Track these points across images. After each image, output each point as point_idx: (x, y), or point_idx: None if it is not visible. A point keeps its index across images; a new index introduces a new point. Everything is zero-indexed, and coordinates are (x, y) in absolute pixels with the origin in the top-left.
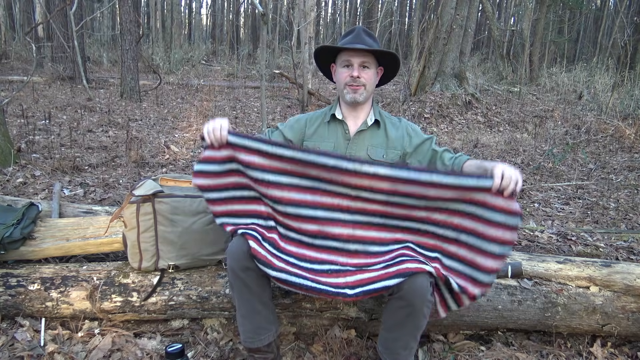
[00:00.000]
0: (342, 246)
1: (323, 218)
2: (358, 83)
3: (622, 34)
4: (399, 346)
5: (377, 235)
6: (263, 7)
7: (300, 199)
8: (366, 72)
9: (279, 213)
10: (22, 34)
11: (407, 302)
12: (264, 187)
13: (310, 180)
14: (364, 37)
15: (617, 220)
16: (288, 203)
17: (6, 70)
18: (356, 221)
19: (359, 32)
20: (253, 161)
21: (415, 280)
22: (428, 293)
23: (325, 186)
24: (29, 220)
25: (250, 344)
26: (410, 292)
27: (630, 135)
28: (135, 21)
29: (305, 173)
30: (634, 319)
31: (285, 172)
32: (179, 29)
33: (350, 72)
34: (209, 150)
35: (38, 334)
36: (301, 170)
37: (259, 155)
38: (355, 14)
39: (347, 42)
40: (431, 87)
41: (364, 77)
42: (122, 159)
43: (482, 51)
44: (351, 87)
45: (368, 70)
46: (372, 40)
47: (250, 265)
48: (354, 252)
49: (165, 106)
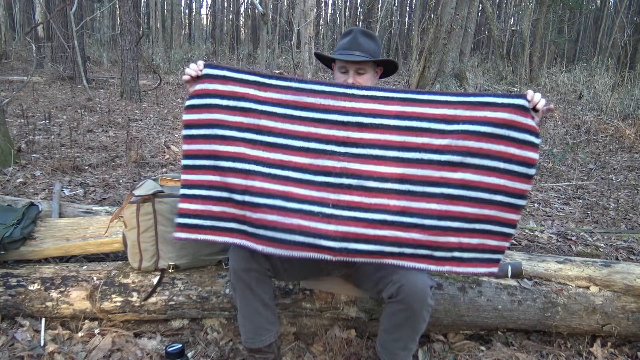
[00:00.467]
0: (334, 181)
1: (315, 150)
2: None
3: (622, 34)
4: (398, 347)
5: (375, 169)
6: (263, 7)
7: (293, 129)
8: (363, 77)
9: (268, 146)
10: (22, 34)
11: (406, 306)
12: (255, 118)
13: (305, 111)
14: (360, 42)
15: (617, 220)
16: (280, 133)
17: (6, 70)
18: (351, 154)
19: (355, 35)
20: (247, 93)
21: (415, 285)
22: (428, 297)
23: (320, 115)
24: (29, 220)
25: (251, 345)
26: (409, 296)
27: (630, 135)
28: (135, 21)
29: (300, 102)
30: (634, 319)
31: (280, 103)
32: (179, 29)
33: (346, 78)
34: (198, 85)
35: (38, 334)
36: (296, 100)
37: (254, 86)
38: (355, 14)
39: (344, 46)
40: (431, 87)
41: (360, 82)
42: (122, 159)
43: (482, 51)
44: None
45: (364, 75)
46: (371, 41)
47: (252, 266)
48: (347, 187)
49: (165, 106)
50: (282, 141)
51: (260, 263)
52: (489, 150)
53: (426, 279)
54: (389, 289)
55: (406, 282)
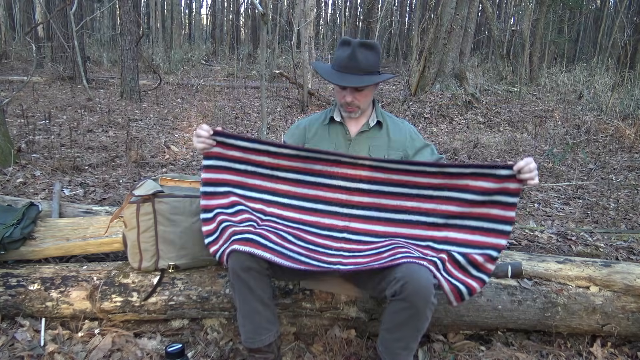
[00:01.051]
0: (337, 235)
1: (322, 210)
2: (352, 106)
3: (622, 34)
4: (400, 347)
5: (371, 228)
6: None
7: (304, 192)
8: (361, 94)
9: (283, 205)
10: (22, 34)
11: (410, 304)
12: (271, 182)
13: (314, 176)
14: (359, 58)
15: (617, 220)
16: (293, 196)
17: (6, 70)
18: (352, 214)
19: (354, 50)
20: (262, 160)
21: (418, 282)
22: (431, 295)
23: (327, 181)
24: (29, 220)
25: (251, 344)
26: (413, 294)
27: (630, 135)
28: (135, 21)
29: (310, 169)
30: (634, 319)
31: (292, 169)
32: (179, 29)
33: (344, 94)
34: (214, 148)
35: (38, 334)
36: (306, 167)
37: (266, 154)
38: (355, 14)
39: (342, 63)
40: (431, 87)
41: (358, 99)
42: (122, 159)
43: (482, 51)
44: (346, 107)
45: (363, 91)
46: (370, 53)
47: (252, 265)
48: (347, 239)
49: (165, 106)
50: (294, 202)
51: (259, 262)
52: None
53: (430, 276)
54: (392, 287)
55: (410, 279)
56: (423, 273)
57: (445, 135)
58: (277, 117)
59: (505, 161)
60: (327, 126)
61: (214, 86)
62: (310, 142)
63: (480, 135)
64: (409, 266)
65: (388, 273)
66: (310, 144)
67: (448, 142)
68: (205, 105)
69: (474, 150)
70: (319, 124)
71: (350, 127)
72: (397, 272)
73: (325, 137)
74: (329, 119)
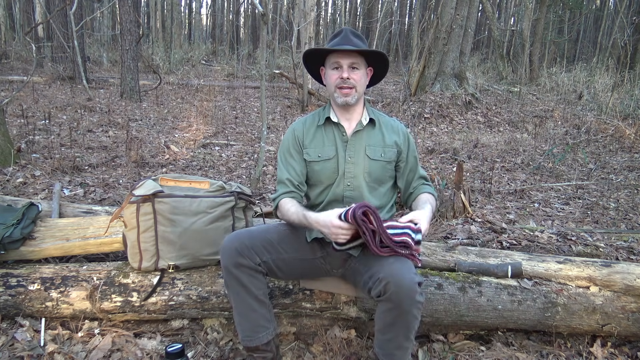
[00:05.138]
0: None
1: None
2: (348, 84)
3: (622, 34)
4: (393, 347)
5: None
6: (263, 7)
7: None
8: (356, 73)
9: None
10: (22, 34)
11: (394, 305)
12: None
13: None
14: (351, 39)
15: (617, 220)
16: None
17: (6, 70)
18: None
19: (346, 34)
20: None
21: (402, 281)
22: (416, 294)
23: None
24: (29, 220)
25: (249, 343)
26: (396, 294)
27: (630, 135)
28: (135, 21)
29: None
30: (634, 319)
31: None
32: (179, 29)
33: (340, 73)
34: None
35: (38, 334)
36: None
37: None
38: (355, 14)
39: (335, 44)
40: (431, 87)
41: (354, 77)
42: (122, 159)
43: (482, 51)
44: (341, 89)
45: (357, 71)
46: (360, 41)
47: (242, 262)
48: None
49: (165, 106)
50: None
51: (250, 259)
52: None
53: (413, 275)
54: (376, 287)
55: (392, 279)
56: (406, 272)
57: (445, 135)
58: (277, 117)
59: (506, 161)
60: (322, 127)
61: (214, 86)
62: (310, 147)
63: (480, 135)
64: (392, 266)
65: (373, 273)
66: (310, 147)
67: (448, 142)
68: (205, 105)
69: (474, 150)
70: (315, 127)
71: (345, 126)
72: (380, 272)
73: (323, 139)
74: (325, 119)
